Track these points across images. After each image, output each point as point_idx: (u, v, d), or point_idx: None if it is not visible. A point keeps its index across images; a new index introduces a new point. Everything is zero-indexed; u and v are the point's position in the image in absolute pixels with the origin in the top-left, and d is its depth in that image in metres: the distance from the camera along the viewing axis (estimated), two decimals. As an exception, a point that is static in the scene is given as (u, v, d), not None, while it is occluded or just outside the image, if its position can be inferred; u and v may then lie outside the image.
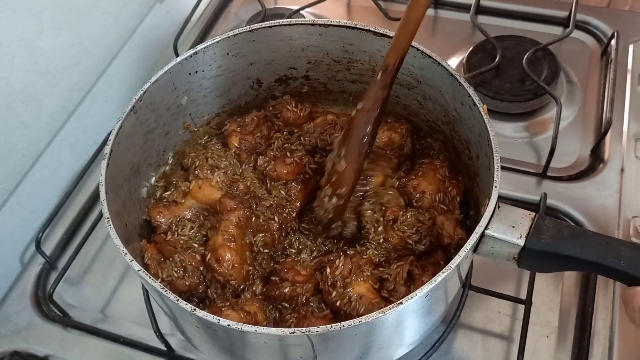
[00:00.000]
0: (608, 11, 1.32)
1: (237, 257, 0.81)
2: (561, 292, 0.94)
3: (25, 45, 0.99)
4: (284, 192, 0.89)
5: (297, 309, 0.80)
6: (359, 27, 0.87)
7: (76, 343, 0.95)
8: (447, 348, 0.90)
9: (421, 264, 0.82)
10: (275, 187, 0.90)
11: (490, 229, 0.70)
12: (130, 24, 1.23)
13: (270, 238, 0.86)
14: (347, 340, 0.67)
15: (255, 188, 0.90)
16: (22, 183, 1.05)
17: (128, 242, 0.77)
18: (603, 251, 0.68)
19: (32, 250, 1.04)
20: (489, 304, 0.93)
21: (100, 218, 1.04)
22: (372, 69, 0.92)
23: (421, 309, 0.70)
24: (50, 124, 1.09)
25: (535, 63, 1.17)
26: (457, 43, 1.28)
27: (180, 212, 0.88)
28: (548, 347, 0.89)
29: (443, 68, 0.81)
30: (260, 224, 0.85)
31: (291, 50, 0.92)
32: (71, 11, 1.07)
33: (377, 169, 0.90)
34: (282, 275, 0.82)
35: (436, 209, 0.85)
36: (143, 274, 0.67)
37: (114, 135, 0.78)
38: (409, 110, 0.94)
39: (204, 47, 0.87)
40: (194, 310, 0.64)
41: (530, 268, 0.76)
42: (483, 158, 0.78)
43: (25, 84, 1.01)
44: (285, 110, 0.97)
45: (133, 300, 0.97)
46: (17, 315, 0.98)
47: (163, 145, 0.91)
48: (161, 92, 0.85)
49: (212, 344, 0.75)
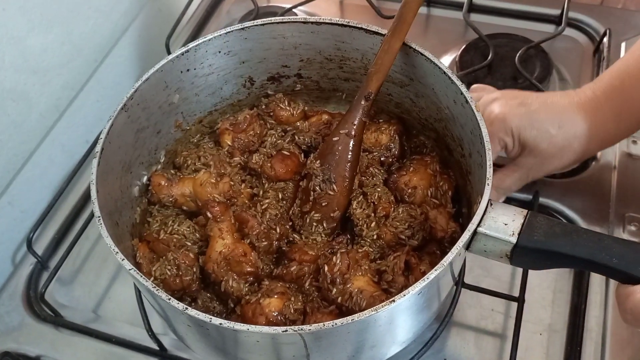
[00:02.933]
0: (600, 9, 1.33)
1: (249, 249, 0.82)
2: (554, 290, 0.94)
3: (15, 43, 0.98)
4: (280, 193, 0.89)
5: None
6: (351, 25, 0.86)
7: (68, 343, 0.94)
8: (440, 346, 0.90)
9: (417, 254, 0.82)
10: (272, 187, 0.90)
11: (483, 226, 0.70)
12: (122, 23, 1.23)
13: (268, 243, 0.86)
14: (340, 338, 0.67)
15: (243, 187, 0.89)
16: (13, 182, 1.05)
17: (120, 241, 0.76)
18: (595, 248, 0.68)
19: (24, 250, 1.03)
20: (482, 301, 0.93)
21: (91, 217, 1.03)
22: (364, 67, 0.91)
23: (414, 307, 0.70)
24: (41, 123, 1.08)
25: (528, 61, 1.17)
26: (449, 41, 1.28)
27: (177, 192, 0.87)
28: (541, 344, 0.89)
29: (436, 66, 0.81)
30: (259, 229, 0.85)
31: (283, 48, 0.92)
32: (62, 9, 1.06)
33: None
34: (289, 255, 0.83)
35: (428, 203, 0.86)
36: (135, 273, 0.67)
37: (105, 133, 0.77)
38: (402, 108, 0.94)
39: (196, 45, 0.87)
40: (186, 309, 0.63)
41: (522, 265, 0.77)
42: (475, 155, 0.78)
43: (15, 82, 1.00)
44: (278, 108, 0.97)
45: (125, 299, 0.97)
46: (8, 316, 0.97)
47: (155, 144, 0.90)
48: (152, 91, 0.85)
49: (205, 343, 0.75)
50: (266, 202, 0.87)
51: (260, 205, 0.87)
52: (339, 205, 0.86)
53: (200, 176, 0.87)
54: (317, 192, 0.86)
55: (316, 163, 0.87)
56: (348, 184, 0.87)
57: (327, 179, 0.86)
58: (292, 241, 0.87)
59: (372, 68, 0.84)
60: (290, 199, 0.90)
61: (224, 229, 0.82)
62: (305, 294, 0.80)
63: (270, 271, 0.84)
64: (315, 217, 0.86)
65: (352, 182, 0.87)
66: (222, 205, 0.84)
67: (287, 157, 0.91)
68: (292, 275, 0.81)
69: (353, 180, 0.87)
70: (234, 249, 0.80)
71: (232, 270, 0.80)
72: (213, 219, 0.83)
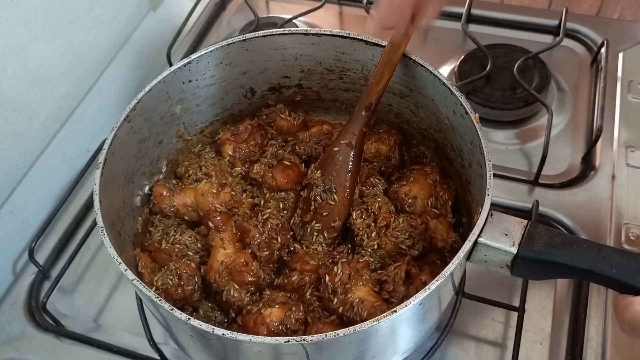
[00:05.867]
0: (597, 20, 1.34)
1: (250, 258, 0.82)
2: (554, 300, 0.94)
3: (17, 53, 0.99)
4: (281, 202, 0.90)
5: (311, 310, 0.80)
6: (352, 36, 0.87)
7: (69, 352, 0.94)
8: (440, 355, 0.90)
9: (418, 264, 0.82)
10: (273, 197, 0.90)
11: (483, 236, 0.70)
12: (123, 33, 1.24)
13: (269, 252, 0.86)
14: (342, 348, 0.67)
15: (244, 197, 0.90)
16: (14, 192, 1.05)
17: (122, 251, 0.77)
18: (595, 258, 0.68)
19: (25, 259, 1.03)
20: (483, 311, 0.93)
21: (93, 227, 1.03)
22: (364, 78, 0.92)
23: (415, 317, 0.71)
24: (42, 133, 1.08)
25: (526, 71, 1.18)
26: (448, 52, 1.29)
27: (178, 202, 0.88)
28: (541, 354, 0.89)
29: (435, 76, 0.82)
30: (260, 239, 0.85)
31: (284, 59, 0.93)
32: (63, 20, 1.07)
33: None
34: (290, 265, 0.83)
35: (428, 213, 0.86)
36: (137, 283, 0.67)
37: (108, 144, 0.78)
38: (401, 118, 0.95)
39: (198, 57, 0.87)
40: (189, 319, 0.64)
41: (523, 275, 0.77)
42: (475, 166, 0.78)
43: (17, 92, 1.01)
44: (279, 118, 0.97)
45: (126, 309, 0.97)
46: (9, 325, 0.97)
47: (157, 154, 0.91)
48: (155, 101, 0.85)
49: (207, 353, 0.75)
50: (267, 212, 0.88)
51: (262, 215, 0.87)
52: (339, 215, 0.87)
53: (202, 186, 0.88)
54: (317, 202, 0.87)
55: (317, 173, 0.88)
56: (349, 193, 0.87)
57: (327, 189, 0.86)
58: (293, 251, 0.87)
59: (372, 79, 0.84)
60: (291, 209, 0.90)
61: (226, 238, 0.83)
62: (307, 304, 0.80)
63: (272, 281, 0.85)
64: (316, 227, 0.87)
65: (352, 192, 0.88)
66: (223, 215, 0.84)
67: (288, 167, 0.91)
68: (293, 285, 0.82)
69: (354, 190, 0.88)
70: (235, 258, 0.81)
71: (233, 280, 0.80)
72: (215, 228, 0.84)
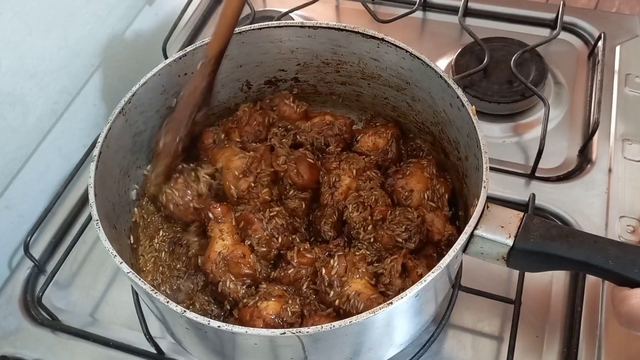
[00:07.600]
0: (595, 13, 1.34)
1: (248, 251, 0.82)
2: (550, 292, 0.94)
3: (12, 48, 0.98)
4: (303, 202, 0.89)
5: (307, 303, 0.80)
6: (348, 29, 0.87)
7: (65, 347, 0.94)
8: (437, 348, 0.90)
9: (414, 257, 0.82)
10: (296, 196, 0.89)
11: (480, 229, 0.70)
12: (119, 27, 1.23)
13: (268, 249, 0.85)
14: (338, 340, 0.67)
15: (263, 192, 0.88)
16: (10, 187, 1.04)
17: (117, 244, 0.76)
18: (591, 250, 0.68)
19: (21, 254, 1.03)
20: (479, 304, 0.93)
21: (89, 221, 1.03)
22: (361, 71, 0.92)
23: (411, 309, 0.71)
24: (38, 127, 1.08)
25: (523, 64, 1.17)
26: (445, 45, 1.28)
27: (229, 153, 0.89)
28: (537, 346, 0.89)
29: (432, 69, 0.82)
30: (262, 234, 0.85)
31: (280, 52, 0.93)
32: (59, 14, 1.06)
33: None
34: (287, 258, 0.83)
35: (425, 206, 0.86)
36: (132, 275, 0.67)
37: (103, 137, 0.78)
38: (398, 111, 0.95)
39: (193, 49, 0.87)
40: (184, 311, 0.64)
41: (519, 268, 0.77)
42: (472, 159, 0.78)
43: (12, 86, 1.00)
44: (282, 103, 0.97)
45: (123, 303, 0.97)
46: (5, 320, 0.97)
47: (152, 148, 0.91)
48: (150, 94, 0.85)
49: (203, 346, 0.75)
50: (275, 210, 0.86)
51: (269, 211, 0.85)
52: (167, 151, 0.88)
53: (236, 160, 0.87)
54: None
55: None
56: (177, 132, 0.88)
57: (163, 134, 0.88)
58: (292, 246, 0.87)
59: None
60: (303, 211, 0.89)
61: (225, 230, 0.82)
62: (303, 297, 0.80)
63: (268, 274, 0.84)
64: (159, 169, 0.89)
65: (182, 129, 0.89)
66: (224, 207, 0.84)
67: (312, 166, 0.90)
68: (289, 278, 0.81)
69: (184, 128, 0.89)
70: (233, 250, 0.81)
71: (230, 271, 0.80)
72: (214, 219, 0.83)
